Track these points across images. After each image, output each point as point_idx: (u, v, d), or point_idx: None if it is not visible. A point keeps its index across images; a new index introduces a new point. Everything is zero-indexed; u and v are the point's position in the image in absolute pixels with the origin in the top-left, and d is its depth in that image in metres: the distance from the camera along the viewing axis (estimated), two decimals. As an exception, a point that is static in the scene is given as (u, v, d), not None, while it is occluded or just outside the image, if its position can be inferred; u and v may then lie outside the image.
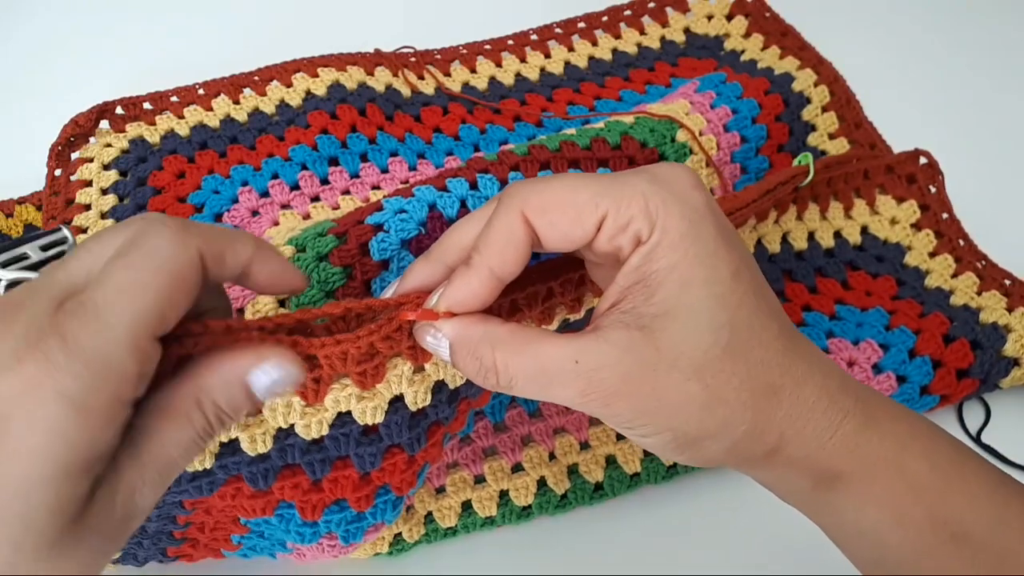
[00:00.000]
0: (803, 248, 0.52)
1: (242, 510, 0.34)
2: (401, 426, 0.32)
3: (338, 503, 0.34)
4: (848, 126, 0.59)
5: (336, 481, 0.33)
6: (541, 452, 0.43)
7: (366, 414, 0.31)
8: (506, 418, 0.44)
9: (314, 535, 0.35)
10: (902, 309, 0.49)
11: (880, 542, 0.28)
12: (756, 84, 0.57)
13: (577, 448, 0.43)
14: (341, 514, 0.34)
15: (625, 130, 0.48)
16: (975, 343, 0.47)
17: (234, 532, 0.37)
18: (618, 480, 0.43)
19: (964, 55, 0.67)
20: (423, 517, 0.42)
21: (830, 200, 0.53)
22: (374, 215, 0.37)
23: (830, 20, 0.66)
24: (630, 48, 0.65)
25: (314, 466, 0.33)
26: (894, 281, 0.51)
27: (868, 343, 0.47)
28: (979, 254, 0.52)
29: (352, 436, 0.32)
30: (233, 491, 0.33)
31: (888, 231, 0.53)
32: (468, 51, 0.62)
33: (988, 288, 0.50)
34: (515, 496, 0.42)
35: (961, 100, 0.64)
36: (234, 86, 0.56)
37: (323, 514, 0.34)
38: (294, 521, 0.34)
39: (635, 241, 0.26)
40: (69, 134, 0.52)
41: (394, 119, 0.57)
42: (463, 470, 0.43)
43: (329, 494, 0.33)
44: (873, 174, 0.55)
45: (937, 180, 0.55)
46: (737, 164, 0.54)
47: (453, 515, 0.42)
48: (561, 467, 0.43)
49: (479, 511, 0.42)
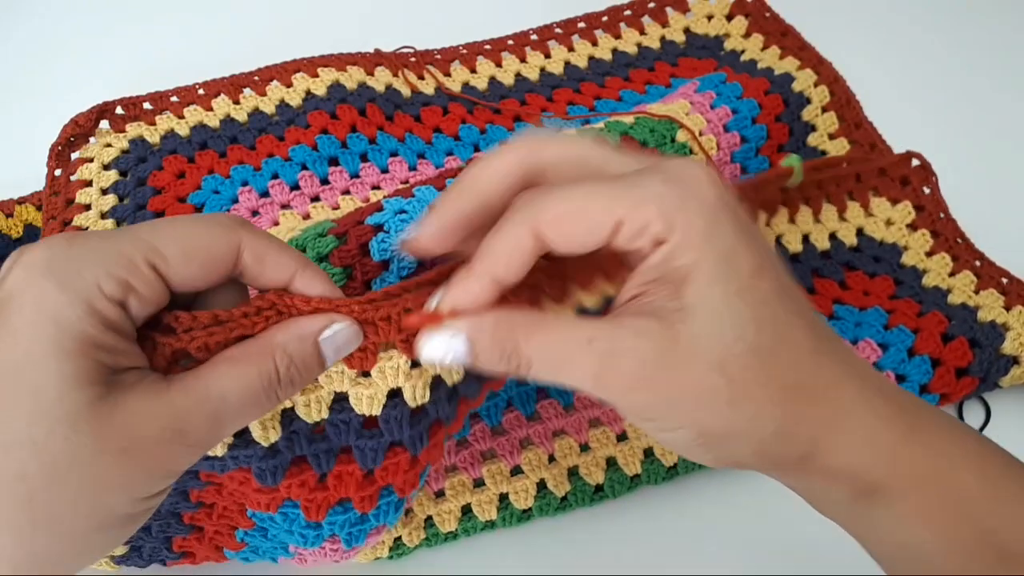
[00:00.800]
0: (798, 251, 0.52)
1: (249, 500, 0.34)
2: (401, 422, 0.32)
3: (342, 504, 0.34)
4: (848, 126, 0.59)
5: (340, 478, 0.33)
6: (540, 454, 0.43)
7: (362, 401, 0.31)
8: (503, 421, 0.44)
9: (317, 538, 0.35)
10: (900, 308, 0.49)
11: (923, 559, 0.27)
12: (756, 84, 0.57)
13: (577, 450, 0.43)
14: (345, 515, 0.34)
15: (625, 130, 0.48)
16: (973, 341, 0.47)
17: (240, 525, 0.37)
18: (618, 482, 0.43)
19: (964, 55, 0.67)
20: (423, 521, 0.42)
21: (822, 203, 0.53)
22: (374, 215, 0.37)
23: (830, 20, 0.66)
24: (630, 48, 0.65)
25: (319, 457, 0.32)
26: (892, 281, 0.51)
27: (867, 342, 0.47)
28: (976, 253, 0.52)
29: (352, 426, 0.32)
30: (242, 478, 0.33)
31: (884, 232, 0.53)
32: (468, 51, 0.62)
33: (986, 287, 0.50)
34: (515, 499, 0.42)
35: (961, 100, 0.64)
36: (234, 86, 0.56)
37: (327, 515, 0.34)
38: (298, 522, 0.34)
39: (654, 242, 0.25)
40: (69, 134, 0.52)
41: (394, 119, 0.57)
42: (462, 473, 0.43)
43: (333, 492, 0.33)
44: (865, 177, 0.55)
45: (930, 181, 0.55)
46: (737, 164, 0.54)
47: (453, 519, 0.42)
48: (561, 469, 0.43)
49: (479, 515, 0.42)
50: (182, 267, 0.25)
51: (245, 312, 0.27)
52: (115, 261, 0.24)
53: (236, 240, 0.26)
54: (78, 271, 0.23)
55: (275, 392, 0.26)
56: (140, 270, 0.24)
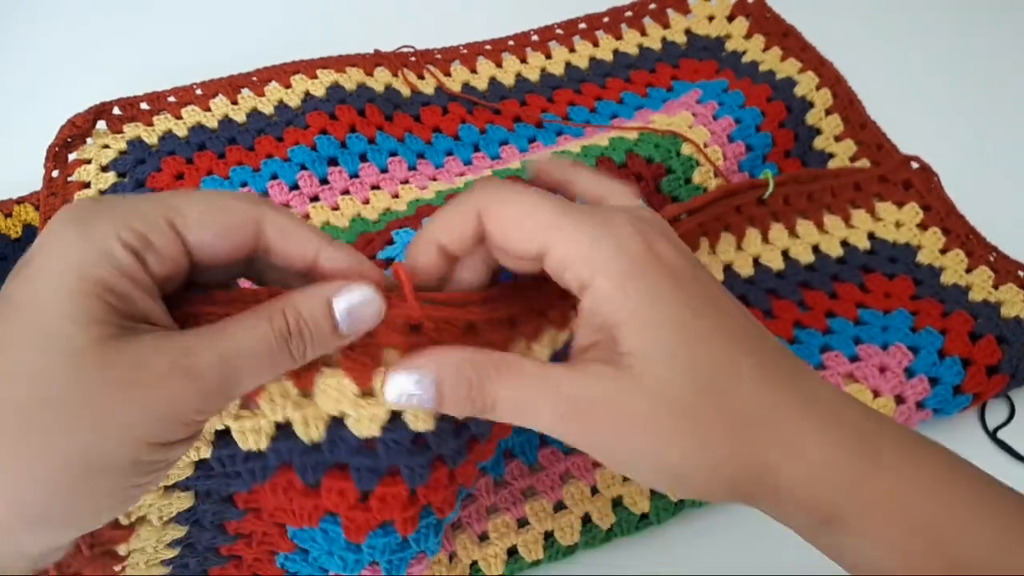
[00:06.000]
0: (811, 260, 0.51)
1: (291, 515, 0.33)
2: (448, 433, 0.30)
3: (383, 527, 0.33)
4: (853, 127, 0.59)
5: (384, 499, 0.32)
6: (582, 487, 0.42)
7: (418, 418, 0.30)
8: (540, 457, 0.43)
9: (357, 563, 0.34)
10: (924, 309, 0.48)
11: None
12: (758, 92, 0.57)
13: (620, 479, 0.42)
14: (385, 539, 0.33)
15: (630, 147, 0.48)
16: (1001, 338, 0.46)
17: (280, 548, 0.36)
18: (664, 508, 0.42)
19: (964, 54, 0.67)
20: (468, 566, 0.40)
21: (823, 213, 0.53)
22: (385, 249, 0.36)
23: (831, 20, 0.66)
24: (631, 49, 0.64)
25: (361, 473, 0.31)
26: (911, 281, 0.51)
27: (898, 347, 0.46)
28: (989, 247, 0.52)
29: (404, 444, 0.30)
30: (285, 483, 0.32)
31: (895, 233, 0.53)
32: (468, 51, 0.62)
33: (1004, 281, 0.50)
34: (560, 536, 0.41)
35: (961, 99, 0.64)
36: (232, 86, 0.56)
37: (367, 538, 0.33)
38: (338, 542, 0.33)
39: (580, 285, 0.26)
40: (66, 135, 0.52)
41: (393, 119, 0.56)
42: (504, 514, 0.41)
43: (376, 514, 0.32)
44: (866, 185, 0.54)
45: (933, 182, 0.55)
46: (745, 173, 0.54)
47: (499, 563, 0.40)
48: (605, 501, 0.41)
49: (525, 556, 0.40)
50: (200, 229, 0.25)
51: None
52: (134, 215, 0.25)
53: (257, 212, 0.26)
54: (99, 222, 0.24)
55: (286, 345, 0.26)
56: (158, 224, 0.25)
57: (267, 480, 0.32)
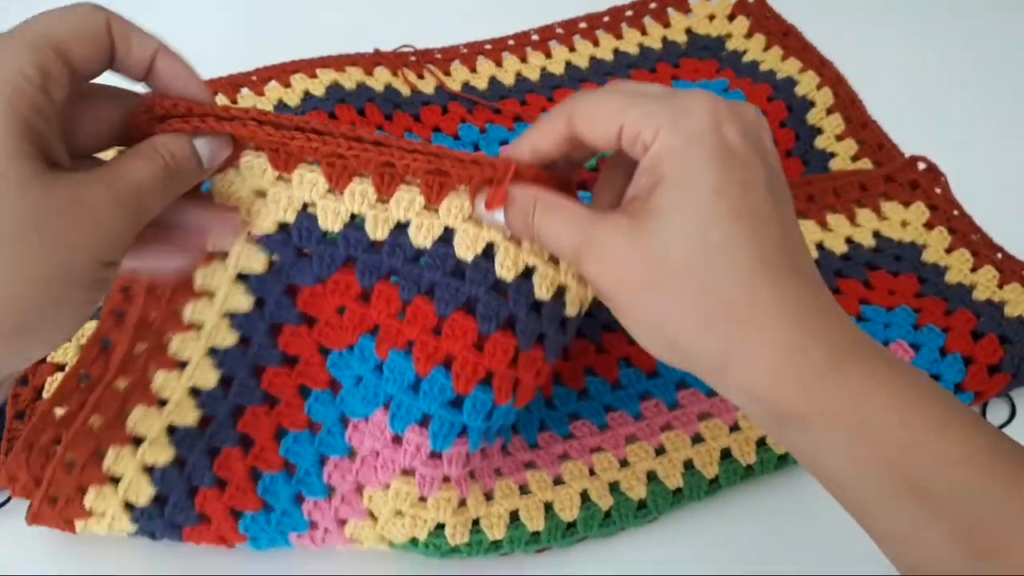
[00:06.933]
0: (815, 257, 0.51)
1: (337, 331, 0.37)
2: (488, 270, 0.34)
3: (447, 364, 0.35)
4: (855, 127, 0.59)
5: (454, 331, 0.34)
6: (580, 466, 0.42)
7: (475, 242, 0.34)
8: (539, 439, 0.43)
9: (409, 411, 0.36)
10: (927, 307, 0.48)
11: (840, 484, 0.29)
12: (758, 92, 0.57)
13: (617, 465, 0.42)
14: (443, 381, 0.35)
15: None
16: (1003, 338, 0.46)
17: (315, 382, 0.38)
18: (661, 496, 0.41)
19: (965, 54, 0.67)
20: (470, 520, 0.40)
21: (825, 214, 0.53)
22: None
23: (831, 20, 0.66)
24: (632, 48, 0.64)
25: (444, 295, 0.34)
26: (916, 278, 0.51)
27: (899, 344, 0.46)
28: (995, 247, 0.52)
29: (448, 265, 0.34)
30: (344, 286, 0.35)
31: (901, 232, 0.53)
32: (468, 51, 0.62)
33: (1008, 281, 0.50)
34: (559, 509, 0.40)
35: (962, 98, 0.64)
36: (231, 86, 0.56)
37: (431, 370, 0.35)
38: (400, 375, 0.35)
39: (644, 149, 0.29)
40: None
41: (393, 118, 0.56)
42: (508, 478, 0.41)
43: (444, 343, 0.34)
44: (872, 185, 0.54)
45: (940, 181, 0.55)
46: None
47: (502, 524, 0.40)
48: (602, 482, 0.41)
49: (526, 522, 0.40)
50: (77, 47, 0.28)
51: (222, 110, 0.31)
52: (31, 52, 0.26)
53: (104, 15, 0.29)
54: (4, 63, 0.26)
55: (174, 176, 0.30)
56: (49, 55, 0.27)
57: (331, 275, 0.35)
